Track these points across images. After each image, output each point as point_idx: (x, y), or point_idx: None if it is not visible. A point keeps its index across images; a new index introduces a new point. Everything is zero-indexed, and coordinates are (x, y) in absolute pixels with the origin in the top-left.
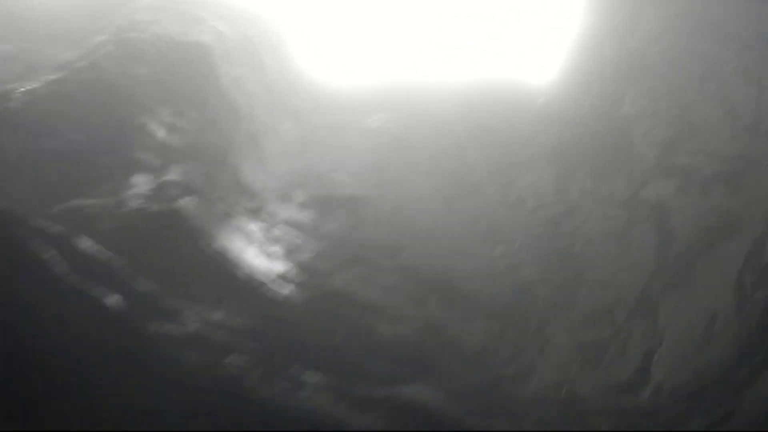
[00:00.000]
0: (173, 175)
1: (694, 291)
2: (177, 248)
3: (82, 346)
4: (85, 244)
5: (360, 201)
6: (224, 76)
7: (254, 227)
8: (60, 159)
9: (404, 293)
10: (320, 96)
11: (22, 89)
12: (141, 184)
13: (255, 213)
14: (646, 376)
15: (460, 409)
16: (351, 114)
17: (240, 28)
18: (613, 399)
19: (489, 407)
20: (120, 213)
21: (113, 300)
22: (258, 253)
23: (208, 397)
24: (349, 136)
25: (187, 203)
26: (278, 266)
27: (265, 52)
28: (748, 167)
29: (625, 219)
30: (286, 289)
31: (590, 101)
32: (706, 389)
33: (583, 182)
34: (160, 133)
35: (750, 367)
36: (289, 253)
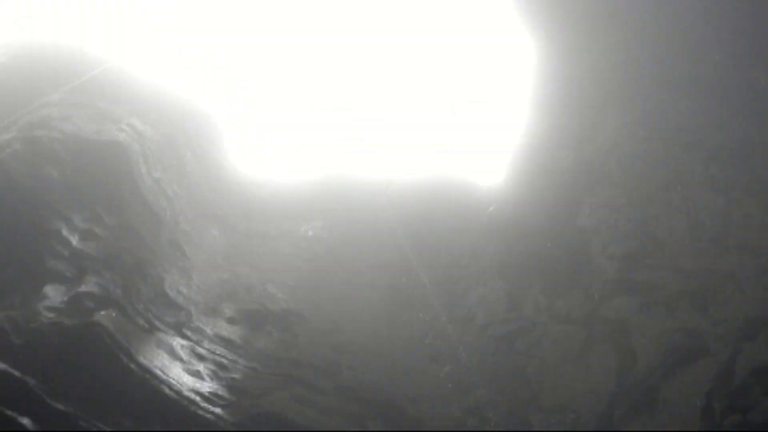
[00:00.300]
0: (89, 285)
1: (659, 417)
2: (95, 365)
3: None
4: None
5: (294, 316)
6: (143, 179)
7: (179, 343)
8: None
9: (344, 415)
10: (249, 201)
11: None
12: (54, 295)
13: (180, 328)
14: None
15: None
16: (283, 221)
17: (160, 127)
18: None
19: None
20: (31, 327)
21: (28, 421)
22: (184, 371)
23: None
24: (282, 246)
25: (104, 316)
26: (206, 385)
27: (188, 152)
28: (715, 284)
29: (584, 338)
30: (216, 411)
31: (544, 211)
32: None
33: (538, 298)
34: (74, 240)
35: None
36: (218, 372)
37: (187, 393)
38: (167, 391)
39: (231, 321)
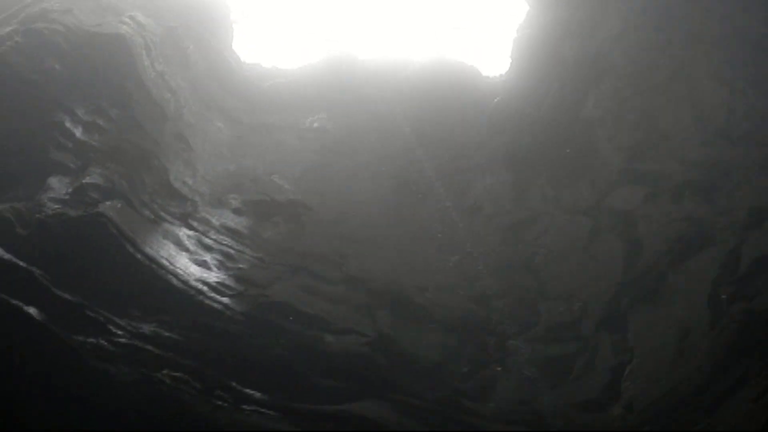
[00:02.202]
0: (93, 177)
1: (666, 304)
2: (100, 256)
3: (4, 356)
4: (0, 251)
5: (300, 207)
6: (146, 72)
7: (185, 233)
8: None
9: (352, 304)
10: (254, 93)
11: None
12: (58, 187)
13: (186, 218)
14: (615, 393)
15: (417, 426)
16: (288, 113)
17: (162, 20)
18: (580, 417)
19: (448, 425)
20: (36, 218)
21: (35, 310)
22: (191, 261)
23: (143, 413)
24: (287, 138)
25: (109, 207)
26: (213, 275)
27: (191, 45)
28: (720, 174)
29: (590, 228)
30: (223, 300)
31: (550, 102)
32: (679, 407)
33: (544, 189)
34: (78, 132)
35: (725, 384)
36: (225, 262)
37: (194, 283)
38: (174, 281)
39: (237, 212)
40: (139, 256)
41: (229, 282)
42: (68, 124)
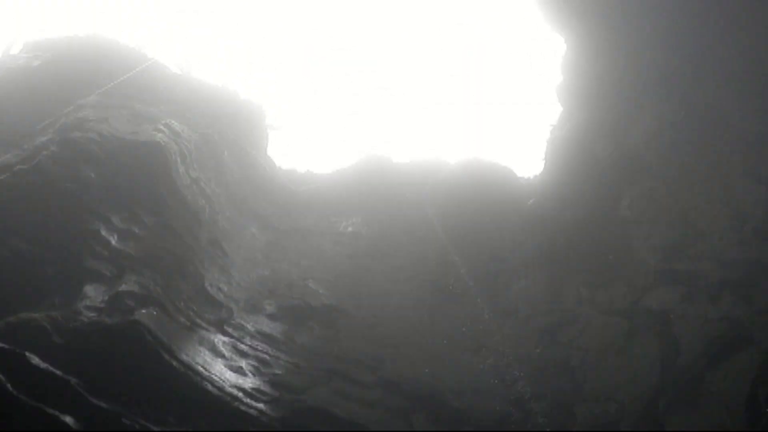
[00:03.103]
0: (129, 284)
1: (704, 406)
2: (137, 363)
3: None
4: (36, 360)
5: (335, 311)
6: (181, 178)
7: (221, 340)
8: (4, 269)
9: (387, 409)
10: (288, 198)
11: None
12: (94, 295)
13: (221, 325)
14: None
15: None
16: (322, 218)
17: (197, 126)
18: None
19: None
20: (72, 326)
21: (71, 419)
22: (226, 367)
23: None
24: (321, 242)
25: (145, 315)
26: (249, 382)
27: (226, 151)
28: (758, 273)
29: (626, 329)
30: (259, 406)
31: (584, 203)
32: None
33: (579, 289)
34: (113, 240)
35: None
36: (260, 368)
37: (229, 389)
38: (210, 387)
39: (272, 317)
40: (174, 363)
41: (265, 387)
42: (104, 232)
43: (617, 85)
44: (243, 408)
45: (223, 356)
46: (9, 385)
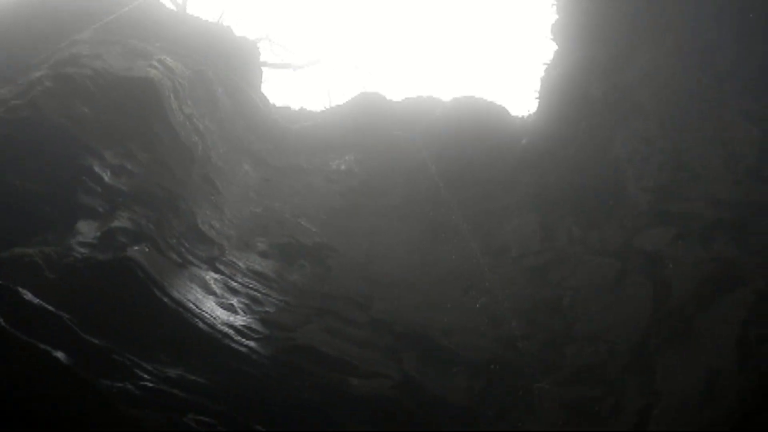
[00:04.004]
0: (121, 221)
1: (694, 346)
2: (128, 299)
3: (32, 401)
4: (29, 295)
5: (327, 249)
6: (175, 115)
7: (212, 277)
8: None
9: (378, 347)
10: (281, 136)
11: None
12: (87, 231)
13: (212, 262)
14: None
15: None
16: (315, 155)
17: (191, 63)
18: None
19: None
20: (65, 262)
21: (62, 354)
22: (217, 304)
23: None
24: (314, 180)
25: (137, 251)
26: (240, 319)
27: (220, 88)
28: (751, 214)
29: (618, 269)
30: (249, 344)
31: (577, 143)
32: None
33: (571, 229)
34: (106, 176)
35: (755, 427)
36: (252, 305)
37: (220, 326)
38: (201, 324)
39: (264, 255)
40: (166, 300)
41: (256, 325)
42: (97, 168)
43: (613, 24)
44: (234, 345)
45: (214, 294)
46: (2, 320)
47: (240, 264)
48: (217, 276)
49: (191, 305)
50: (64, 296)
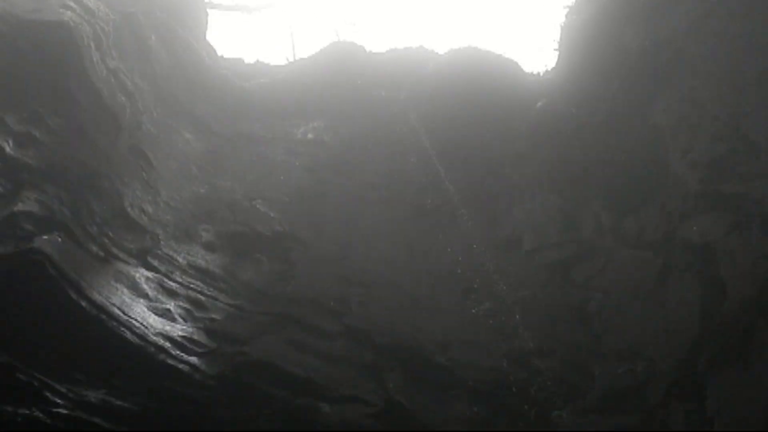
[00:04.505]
0: (27, 203)
1: (755, 364)
2: (36, 303)
3: None
4: None
5: (289, 240)
6: (95, 69)
7: (143, 275)
8: None
9: (355, 364)
10: (232, 96)
11: None
12: None
13: (144, 256)
14: None
15: None
16: (276, 121)
17: (117, 4)
18: None
19: None
20: None
21: None
22: (150, 310)
23: None
24: (274, 152)
25: (47, 242)
26: (179, 329)
27: (154, 36)
28: None
29: (658, 266)
30: (191, 360)
31: (608, 106)
32: None
33: (600, 215)
34: (8, 147)
35: None
36: (193, 311)
37: (153, 338)
38: (128, 335)
39: (209, 247)
40: (84, 303)
41: (199, 337)
42: None
43: None
44: (170, 362)
45: (146, 296)
46: None
47: (179, 258)
48: (149, 274)
49: (116, 311)
50: None
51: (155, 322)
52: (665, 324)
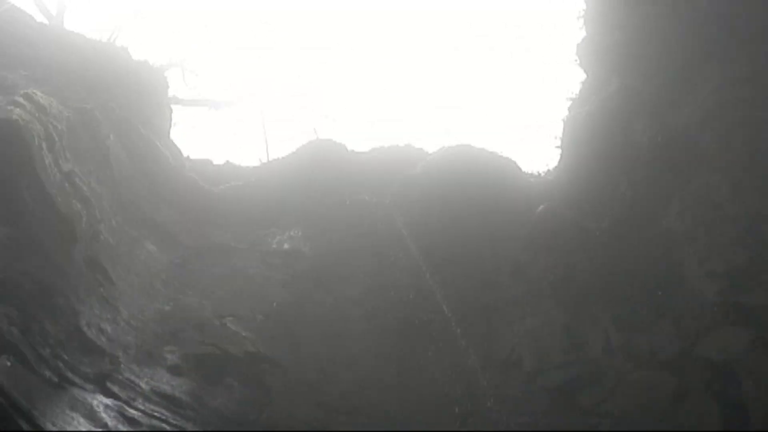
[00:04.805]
0: None
1: None
2: None
3: None
4: None
5: (264, 363)
6: (47, 172)
7: (102, 402)
8: None
9: None
10: (201, 203)
11: None
12: None
13: (103, 381)
14: None
15: None
16: (248, 230)
17: (71, 98)
18: None
19: None
20: None
21: None
22: None
23: None
24: (246, 265)
25: None
26: None
27: (112, 134)
28: None
29: (674, 388)
30: None
31: (616, 210)
32: None
33: (608, 332)
34: None
35: None
36: None
37: None
38: None
39: (175, 371)
40: None
41: None
42: None
43: (664, 42)
44: None
45: (104, 426)
46: None
47: (141, 384)
48: (108, 401)
49: None
50: None
51: None
52: None
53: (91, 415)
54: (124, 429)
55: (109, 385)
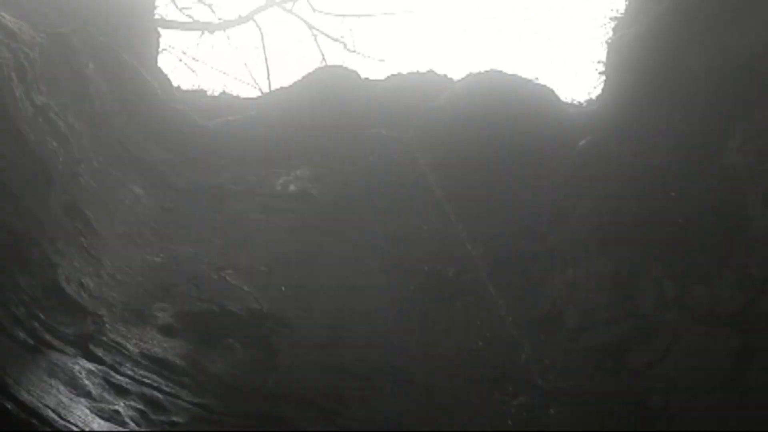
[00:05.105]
0: None
1: None
2: None
3: None
4: None
5: (270, 322)
6: (19, 107)
7: (85, 367)
8: None
9: None
10: (194, 139)
11: None
12: None
13: (85, 343)
14: None
15: None
16: (249, 170)
17: (44, 23)
18: None
19: None
20: None
21: None
22: (94, 412)
23: None
24: (247, 210)
25: None
26: None
27: (91, 62)
28: None
29: (737, 347)
30: None
31: (669, 145)
32: None
33: (662, 283)
34: None
35: None
36: (149, 413)
37: None
38: None
39: (167, 331)
40: (9, 405)
41: None
42: None
43: None
44: None
45: (88, 394)
46: None
47: (129, 346)
48: (92, 366)
49: (51, 414)
50: None
51: (101, 427)
52: (747, 420)
53: (72, 382)
54: (111, 397)
55: (92, 348)
